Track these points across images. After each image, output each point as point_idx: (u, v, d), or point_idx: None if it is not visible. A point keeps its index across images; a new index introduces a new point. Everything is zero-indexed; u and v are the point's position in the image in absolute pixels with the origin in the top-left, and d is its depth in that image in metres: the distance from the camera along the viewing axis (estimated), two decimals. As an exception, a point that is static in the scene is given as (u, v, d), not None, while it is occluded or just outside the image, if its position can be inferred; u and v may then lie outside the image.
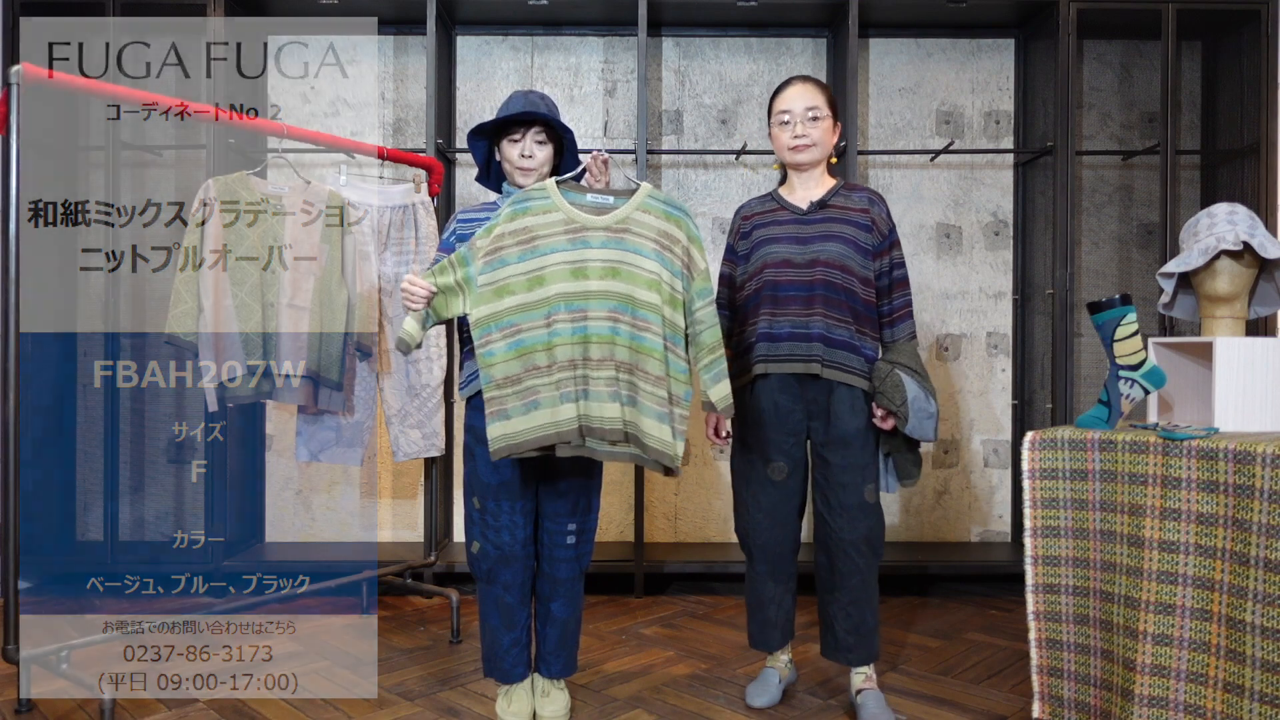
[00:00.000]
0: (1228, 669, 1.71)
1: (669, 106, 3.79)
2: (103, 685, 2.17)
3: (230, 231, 2.74)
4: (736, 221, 2.40)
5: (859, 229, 2.26)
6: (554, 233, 1.98)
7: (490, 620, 2.21)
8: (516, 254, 1.97)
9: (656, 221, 2.00)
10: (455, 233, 2.20)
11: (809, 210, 2.29)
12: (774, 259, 2.26)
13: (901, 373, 2.19)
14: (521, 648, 2.23)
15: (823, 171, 2.35)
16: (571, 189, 2.03)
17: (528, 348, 1.95)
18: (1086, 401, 3.68)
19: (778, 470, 2.28)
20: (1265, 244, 1.94)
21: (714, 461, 3.78)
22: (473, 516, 2.21)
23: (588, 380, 1.96)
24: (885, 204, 2.32)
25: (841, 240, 2.24)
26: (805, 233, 2.26)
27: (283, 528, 3.76)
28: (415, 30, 3.71)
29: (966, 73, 3.77)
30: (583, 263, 1.96)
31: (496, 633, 2.21)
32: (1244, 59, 3.47)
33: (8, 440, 2.22)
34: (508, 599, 2.19)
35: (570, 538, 2.21)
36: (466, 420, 2.21)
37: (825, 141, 2.28)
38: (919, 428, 2.19)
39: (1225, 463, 1.71)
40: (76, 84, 2.21)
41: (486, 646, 2.24)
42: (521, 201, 2.01)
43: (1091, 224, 3.76)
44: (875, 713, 2.23)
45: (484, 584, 2.21)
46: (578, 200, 2.01)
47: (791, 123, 2.26)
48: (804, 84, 2.29)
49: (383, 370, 3.11)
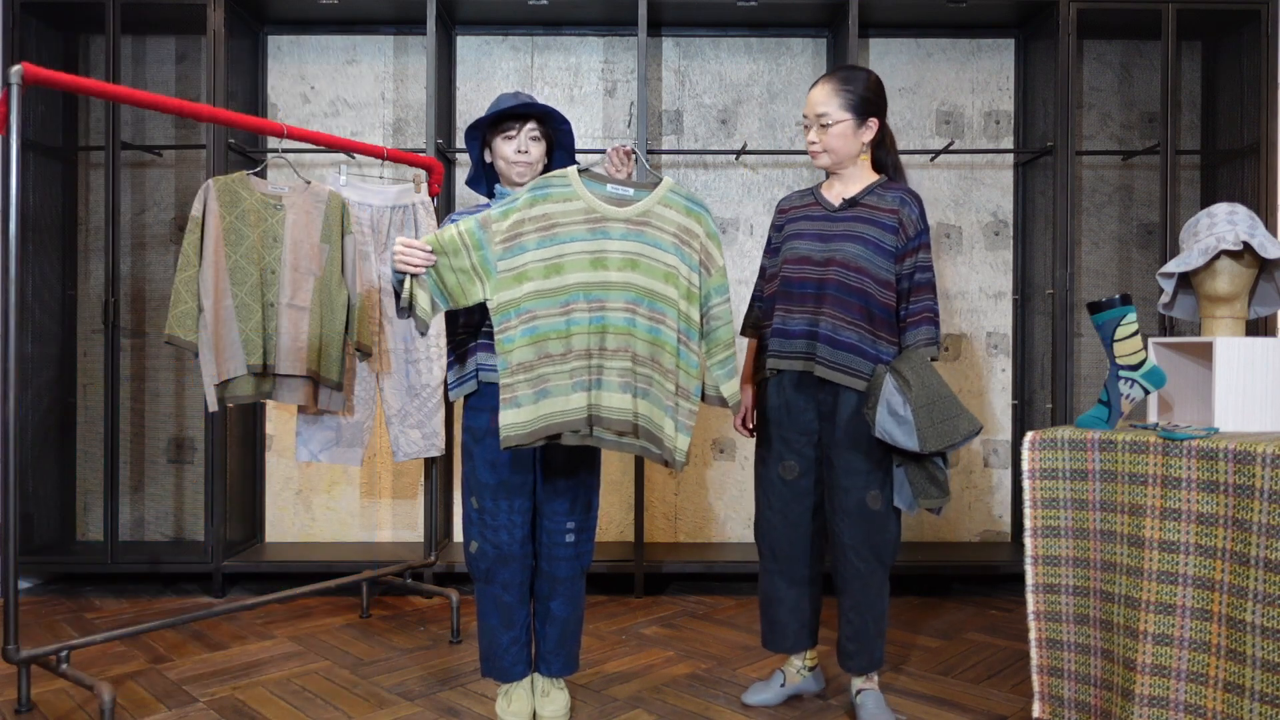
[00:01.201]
0: (1228, 669, 1.71)
1: (669, 106, 3.79)
2: (102, 685, 2.16)
3: (230, 231, 2.74)
4: (775, 216, 2.39)
5: (884, 230, 2.19)
6: (574, 221, 1.97)
7: (489, 619, 2.21)
8: (535, 240, 1.96)
9: (677, 216, 2.01)
10: None
11: (840, 208, 2.25)
12: (794, 255, 2.25)
13: (888, 376, 2.11)
14: (521, 646, 2.23)
15: (863, 167, 2.27)
16: (592, 178, 2.01)
17: (542, 334, 1.94)
18: (1086, 401, 3.69)
19: (789, 469, 2.27)
20: (1265, 244, 1.94)
21: (714, 462, 3.78)
22: (470, 516, 2.20)
23: (602, 370, 1.97)
24: (919, 204, 2.22)
25: (862, 241, 2.18)
26: (830, 230, 2.23)
27: (283, 528, 3.76)
28: (415, 30, 3.72)
29: (966, 73, 3.78)
30: (602, 253, 1.96)
31: (495, 632, 2.21)
32: (1244, 59, 3.47)
33: (8, 440, 2.21)
34: (506, 598, 2.19)
35: (569, 536, 2.21)
36: (464, 420, 2.21)
37: (838, 147, 2.21)
38: (889, 432, 2.07)
39: (1225, 463, 1.71)
40: (77, 84, 2.20)
41: (485, 646, 2.24)
42: (542, 188, 1.99)
43: (1091, 224, 3.76)
44: (874, 713, 2.22)
45: (482, 583, 2.21)
46: (598, 190, 2.00)
47: (808, 128, 2.25)
48: (821, 86, 2.22)
49: (383, 370, 3.11)
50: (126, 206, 3.68)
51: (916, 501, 2.16)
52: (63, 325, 3.61)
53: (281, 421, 3.74)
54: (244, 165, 3.57)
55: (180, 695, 2.40)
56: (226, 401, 2.76)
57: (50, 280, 3.52)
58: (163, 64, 3.71)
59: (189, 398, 3.72)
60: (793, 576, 2.30)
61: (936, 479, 2.15)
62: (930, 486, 2.15)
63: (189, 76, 3.71)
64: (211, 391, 2.70)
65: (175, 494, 3.73)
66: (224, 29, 3.32)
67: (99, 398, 3.66)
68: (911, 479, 2.16)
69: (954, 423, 2.08)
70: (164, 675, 2.55)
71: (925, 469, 2.15)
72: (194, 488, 3.72)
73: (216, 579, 3.35)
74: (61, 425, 3.60)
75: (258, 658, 2.71)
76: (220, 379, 2.73)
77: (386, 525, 3.76)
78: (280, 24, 3.73)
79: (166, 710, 2.30)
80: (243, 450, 3.59)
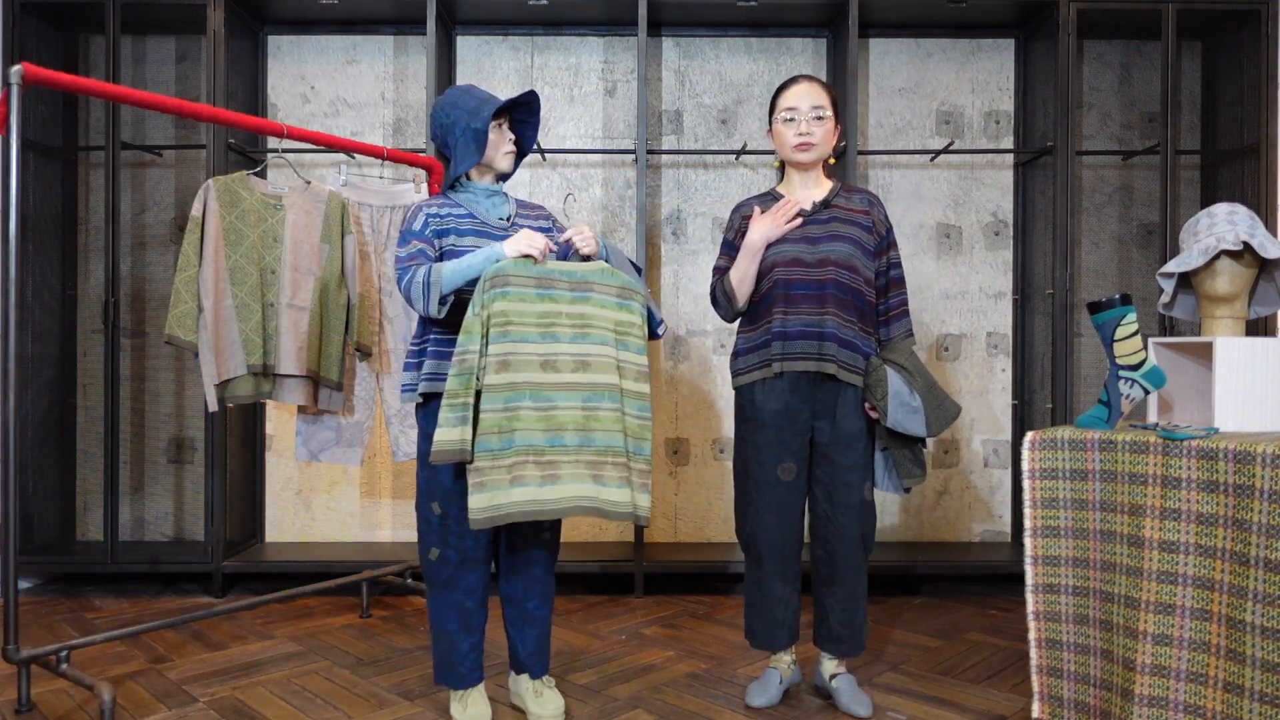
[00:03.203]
0: (1228, 669, 1.71)
1: (669, 106, 3.79)
2: (102, 685, 2.16)
3: (230, 231, 2.74)
4: (736, 219, 2.40)
5: (863, 230, 2.31)
6: (528, 322, 2.02)
7: (448, 626, 2.18)
8: (495, 334, 2.01)
9: (612, 313, 2.09)
10: (431, 227, 2.13)
11: (814, 210, 2.32)
12: (784, 258, 2.27)
13: (888, 368, 2.23)
14: (480, 653, 2.21)
15: (820, 172, 2.38)
16: (547, 267, 2.07)
17: (488, 428, 1.98)
18: (1086, 401, 3.69)
19: (788, 471, 2.29)
20: (1265, 244, 1.95)
21: (714, 461, 3.78)
22: (431, 523, 2.16)
23: (555, 465, 2.01)
24: (883, 205, 2.38)
25: (849, 241, 2.28)
26: (813, 232, 2.29)
27: (283, 528, 3.76)
28: (415, 30, 3.72)
29: (966, 73, 3.78)
30: (553, 356, 2.03)
31: (455, 638, 2.18)
32: (1244, 59, 3.47)
33: (8, 440, 2.21)
34: (469, 603, 2.17)
35: (545, 533, 2.22)
36: (421, 426, 2.17)
37: (827, 142, 2.31)
38: (901, 421, 2.21)
39: (1225, 463, 1.71)
40: (77, 84, 2.20)
41: (442, 653, 2.20)
42: (501, 287, 2.02)
43: (1091, 224, 3.76)
44: (852, 694, 2.31)
45: (443, 590, 2.17)
46: (548, 275, 2.06)
47: (797, 120, 2.28)
48: (810, 82, 2.31)
49: (382, 370, 3.11)
50: (126, 206, 3.68)
51: (901, 483, 2.30)
52: (63, 325, 3.61)
53: (281, 421, 3.74)
54: (244, 165, 3.58)
55: (180, 695, 2.40)
56: (226, 401, 2.76)
57: (50, 280, 3.52)
58: (163, 64, 3.71)
59: (189, 398, 3.72)
60: (786, 575, 2.34)
61: (920, 459, 2.29)
62: (914, 467, 2.28)
63: (189, 76, 3.71)
64: (211, 391, 2.70)
65: (175, 494, 3.73)
66: (224, 29, 3.32)
67: (99, 398, 3.66)
68: (898, 461, 2.29)
69: (946, 406, 2.25)
70: (164, 675, 2.55)
71: (911, 450, 2.28)
72: (194, 488, 3.73)
73: (216, 579, 3.35)
74: (61, 425, 3.60)
75: (258, 658, 2.71)
76: (220, 379, 2.73)
77: (386, 525, 3.76)
78: (280, 24, 3.73)
79: (166, 710, 2.30)
80: (243, 450, 3.59)
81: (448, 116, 2.14)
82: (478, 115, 2.11)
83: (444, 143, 2.18)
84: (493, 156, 2.19)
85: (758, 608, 2.37)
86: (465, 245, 2.12)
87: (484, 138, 2.11)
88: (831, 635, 2.34)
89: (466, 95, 2.15)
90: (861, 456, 2.29)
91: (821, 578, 2.34)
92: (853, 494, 2.27)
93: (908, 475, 2.30)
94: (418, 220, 2.14)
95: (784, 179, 2.41)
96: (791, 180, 2.37)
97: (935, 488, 3.79)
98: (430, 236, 2.12)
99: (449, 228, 2.13)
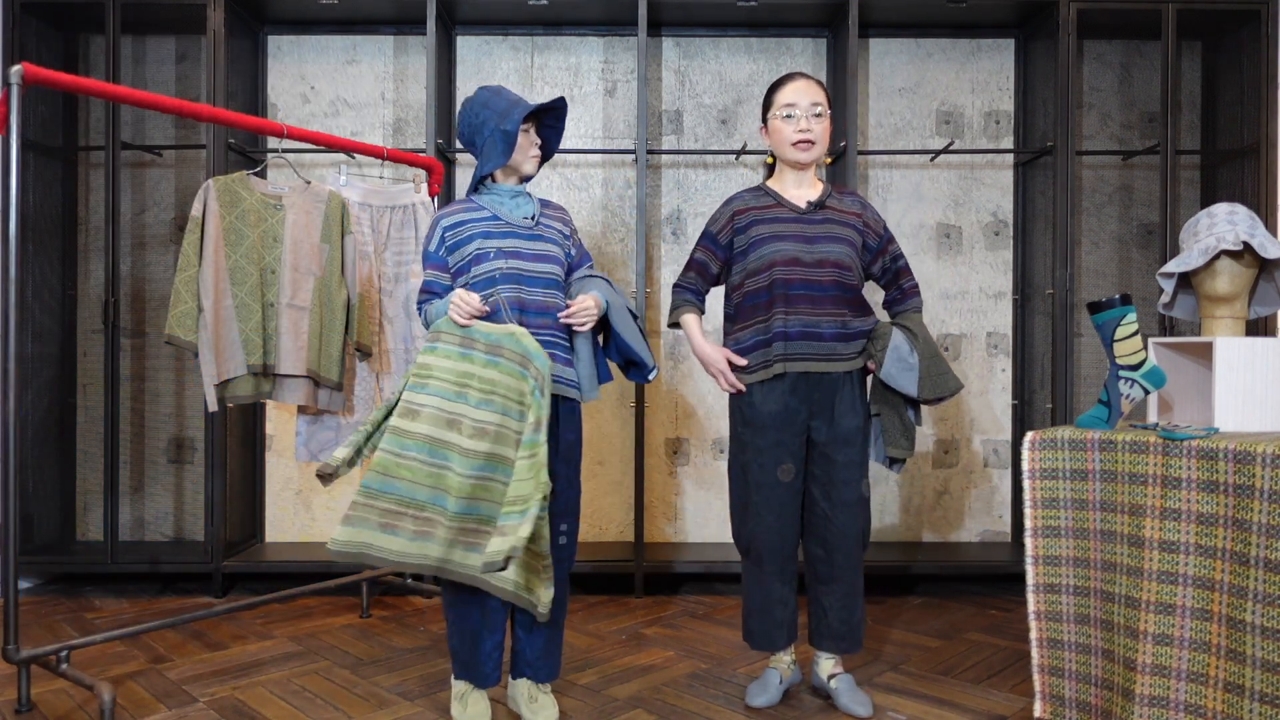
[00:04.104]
0: (1228, 669, 1.71)
1: (669, 106, 3.79)
2: (102, 685, 2.16)
3: (230, 231, 2.74)
4: (727, 214, 2.37)
5: (856, 231, 2.33)
6: (447, 379, 2.08)
7: (470, 624, 2.18)
8: (414, 384, 2.09)
9: (516, 382, 2.09)
10: (445, 243, 2.17)
11: (808, 210, 2.32)
12: (782, 257, 2.26)
13: (894, 327, 2.29)
14: (501, 650, 2.21)
15: (814, 171, 2.38)
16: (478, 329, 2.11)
17: (375, 465, 2.05)
18: (1086, 401, 3.69)
19: (787, 471, 2.29)
20: (1265, 244, 1.95)
21: (713, 461, 3.78)
22: None
23: (430, 524, 2.05)
24: (873, 207, 2.43)
25: (846, 242, 2.30)
26: (810, 232, 2.29)
27: (283, 528, 3.76)
28: (415, 30, 3.72)
29: (966, 73, 3.78)
30: (459, 417, 2.06)
31: (478, 636, 2.18)
32: (1244, 59, 3.47)
33: (8, 440, 2.21)
34: (491, 602, 2.17)
35: (563, 538, 2.22)
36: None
37: (825, 140, 2.31)
38: (894, 375, 2.25)
39: (1225, 463, 1.71)
40: (77, 84, 2.20)
41: (465, 650, 2.19)
42: (433, 341, 2.11)
43: (1091, 224, 3.77)
44: (851, 694, 2.31)
45: (465, 589, 2.17)
46: (470, 336, 2.10)
47: (796, 117, 2.27)
48: (807, 79, 2.30)
49: (382, 370, 3.11)
50: (126, 206, 3.68)
51: (886, 451, 2.32)
52: (63, 325, 3.60)
53: (281, 421, 3.74)
54: (244, 165, 3.58)
55: (180, 695, 2.40)
56: (226, 401, 2.76)
57: (50, 280, 3.52)
58: (163, 64, 3.71)
59: (189, 398, 3.72)
60: (785, 575, 2.35)
61: (909, 431, 2.31)
62: (901, 438, 2.30)
63: (189, 76, 3.71)
64: (211, 391, 2.70)
65: (175, 494, 3.73)
66: (224, 29, 3.32)
67: (99, 398, 3.66)
68: (885, 428, 2.31)
69: (946, 378, 2.27)
70: (164, 675, 2.55)
71: (901, 419, 2.31)
72: (194, 488, 3.72)
73: (216, 579, 3.35)
74: (61, 425, 3.60)
75: (258, 658, 2.71)
76: (220, 379, 2.73)
77: (386, 525, 3.76)
78: (280, 24, 3.73)
79: (166, 710, 2.30)
80: (243, 450, 3.59)
81: (477, 116, 2.15)
82: (508, 118, 2.12)
83: (470, 142, 2.20)
84: (519, 160, 2.20)
85: (757, 609, 2.37)
86: (492, 246, 2.15)
87: (513, 140, 2.12)
88: (830, 633, 2.34)
89: (497, 97, 2.16)
90: (859, 454, 2.29)
91: (819, 576, 2.33)
92: (851, 492, 2.27)
93: (893, 444, 2.30)
94: (433, 240, 2.20)
95: (774, 175, 2.40)
96: (784, 178, 2.36)
97: (935, 488, 3.79)
98: (444, 258, 2.19)
99: (470, 234, 2.16)
